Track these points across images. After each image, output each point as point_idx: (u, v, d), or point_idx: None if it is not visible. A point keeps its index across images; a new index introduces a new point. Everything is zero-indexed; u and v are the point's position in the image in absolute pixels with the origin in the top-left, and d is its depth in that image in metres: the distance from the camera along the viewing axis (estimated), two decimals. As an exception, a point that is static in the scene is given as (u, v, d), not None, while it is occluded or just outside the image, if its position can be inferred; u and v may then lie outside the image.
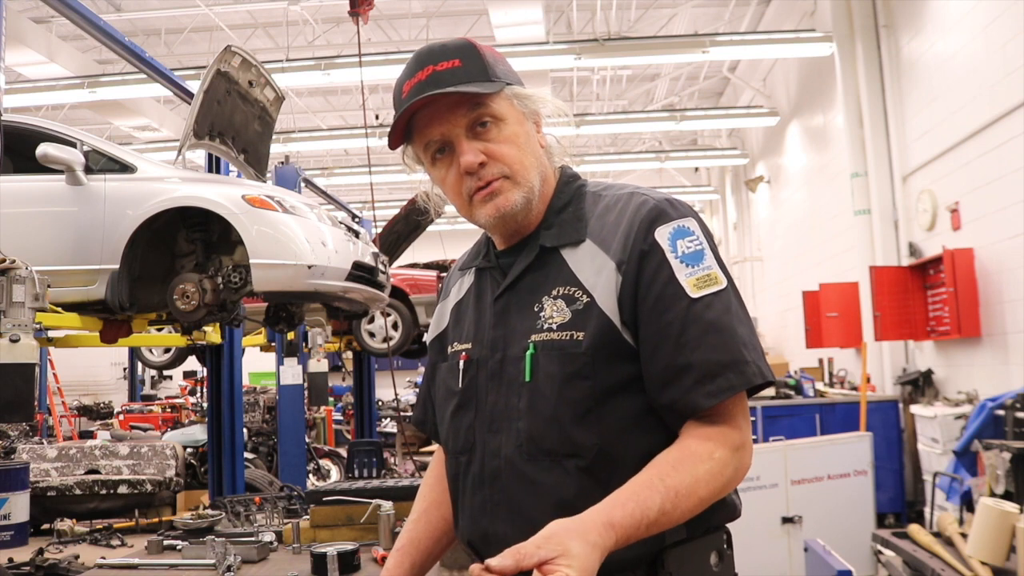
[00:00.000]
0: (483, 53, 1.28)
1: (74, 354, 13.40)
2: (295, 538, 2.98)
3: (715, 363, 1.15)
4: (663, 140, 16.59)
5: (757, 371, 1.17)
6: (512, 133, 1.27)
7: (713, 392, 1.15)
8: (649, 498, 1.08)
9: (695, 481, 1.11)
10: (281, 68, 9.59)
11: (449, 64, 1.24)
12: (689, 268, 1.19)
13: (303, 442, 7.23)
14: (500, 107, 1.26)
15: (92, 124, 13.88)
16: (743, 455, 1.18)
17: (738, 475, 1.18)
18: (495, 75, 1.27)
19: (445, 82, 1.23)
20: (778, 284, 13.51)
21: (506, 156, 1.26)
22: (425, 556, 1.43)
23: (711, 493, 1.14)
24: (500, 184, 1.26)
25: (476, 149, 1.25)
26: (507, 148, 1.26)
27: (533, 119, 1.31)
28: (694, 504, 1.12)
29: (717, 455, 1.14)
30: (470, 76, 1.24)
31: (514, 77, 1.31)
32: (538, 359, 1.22)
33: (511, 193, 1.26)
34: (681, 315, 1.17)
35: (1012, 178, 6.13)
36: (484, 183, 1.26)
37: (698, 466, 1.13)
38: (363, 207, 13.89)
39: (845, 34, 8.66)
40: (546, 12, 9.70)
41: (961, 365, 7.15)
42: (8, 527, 4.93)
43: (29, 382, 3.29)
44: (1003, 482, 4.49)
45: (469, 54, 1.26)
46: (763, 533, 5.20)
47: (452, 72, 1.24)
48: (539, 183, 1.29)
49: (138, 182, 4.41)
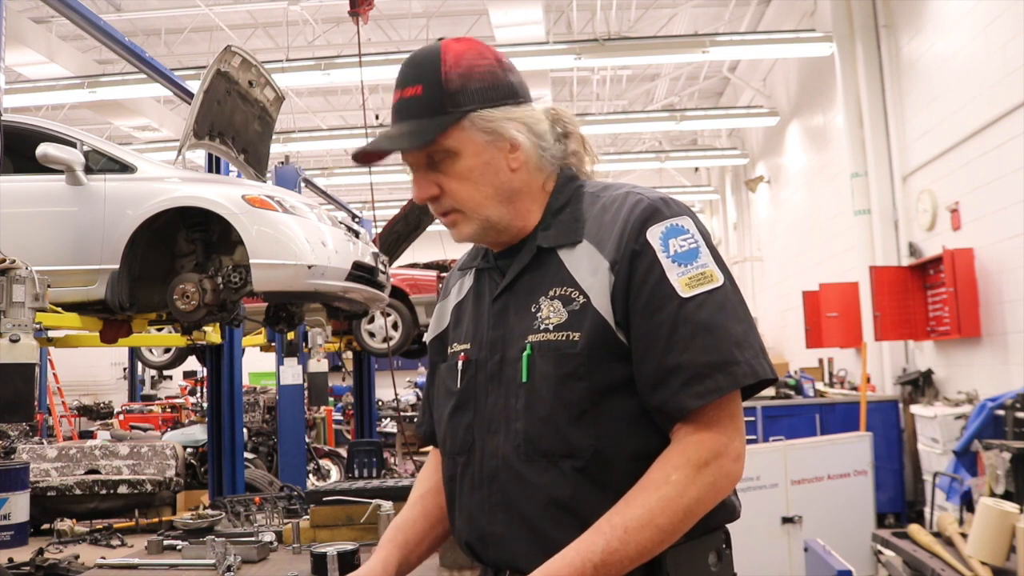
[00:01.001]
0: (446, 76, 1.23)
1: (74, 354, 13.40)
2: (295, 538, 2.98)
3: (704, 364, 1.14)
4: (663, 140, 16.59)
5: (749, 371, 1.15)
6: (465, 168, 1.26)
7: (701, 393, 1.14)
8: (592, 542, 1.11)
9: (647, 512, 1.11)
10: (281, 68, 9.59)
11: (412, 91, 1.25)
12: (681, 267, 1.18)
13: (303, 442, 7.23)
14: (454, 141, 1.24)
15: (92, 124, 13.88)
16: (717, 466, 1.14)
17: (717, 487, 1.15)
18: (455, 103, 1.23)
19: (404, 114, 1.26)
20: (778, 284, 13.51)
21: (455, 193, 1.27)
22: (420, 538, 1.42)
23: (674, 519, 1.12)
24: (453, 217, 1.30)
25: (430, 182, 1.28)
26: (457, 185, 1.27)
27: (504, 140, 1.26)
28: (653, 534, 1.11)
29: (674, 478, 1.13)
30: (423, 111, 1.24)
31: (491, 92, 1.25)
32: (535, 360, 1.22)
33: (463, 226, 1.30)
34: (672, 315, 1.16)
35: (1012, 178, 6.13)
36: (440, 212, 1.30)
37: (651, 495, 1.12)
38: (363, 207, 13.89)
39: (845, 34, 8.66)
40: (546, 12, 9.70)
41: (961, 365, 7.15)
42: (8, 527, 4.94)
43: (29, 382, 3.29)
44: (1003, 482, 4.49)
45: (431, 78, 1.24)
46: (763, 533, 5.20)
47: (413, 102, 1.25)
48: (503, 210, 1.29)
49: (138, 182, 4.41)
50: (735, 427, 1.18)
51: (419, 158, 1.27)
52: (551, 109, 1.35)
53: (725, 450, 1.15)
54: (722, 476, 1.15)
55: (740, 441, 1.18)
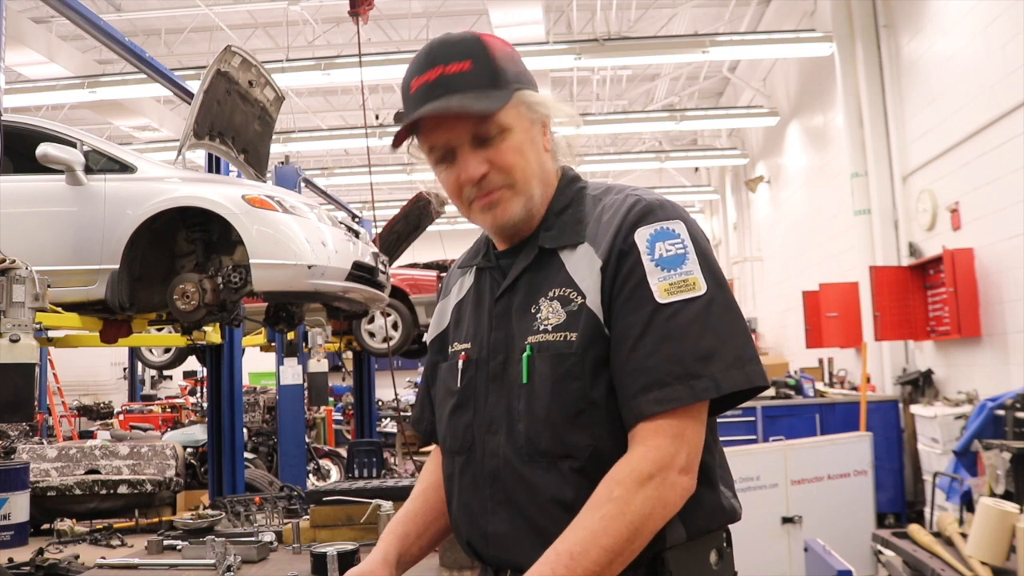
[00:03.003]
0: (494, 54, 1.24)
1: (74, 354, 13.39)
2: (295, 538, 2.98)
3: (665, 373, 1.14)
4: (663, 140, 16.59)
5: (711, 386, 1.13)
6: (518, 142, 1.25)
7: (659, 400, 1.13)
8: (540, 573, 1.10)
9: (590, 534, 1.10)
10: (281, 68, 9.59)
11: (458, 67, 1.22)
12: (663, 272, 1.18)
13: (303, 442, 7.23)
14: (507, 118, 1.24)
15: (92, 124, 13.88)
16: (662, 479, 1.12)
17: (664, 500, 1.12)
18: (505, 81, 1.24)
19: (453, 87, 1.21)
20: (778, 284, 13.51)
21: (510, 166, 1.25)
22: (421, 531, 1.42)
23: (618, 538, 1.09)
24: (501, 194, 1.26)
25: (479, 159, 1.24)
26: (511, 157, 1.25)
27: (540, 123, 1.30)
28: (600, 556, 1.09)
29: (616, 494, 1.11)
30: (478, 83, 1.22)
31: (525, 77, 1.29)
32: (534, 361, 1.22)
33: (511, 203, 1.26)
34: (644, 319, 1.16)
35: (1012, 178, 6.13)
36: (484, 192, 1.26)
37: (594, 516, 1.11)
38: (363, 207, 13.89)
39: (845, 34, 8.67)
40: (546, 12, 9.70)
41: (961, 365, 7.15)
42: (8, 527, 4.94)
43: (29, 382, 3.29)
44: (1003, 482, 4.49)
45: (480, 55, 1.23)
46: (763, 533, 5.20)
47: (461, 77, 1.21)
48: (540, 190, 1.29)
49: (138, 182, 4.41)
50: (686, 438, 1.15)
51: (463, 136, 1.24)
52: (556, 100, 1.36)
53: (671, 462, 1.13)
54: (667, 489, 1.12)
55: (690, 452, 1.15)
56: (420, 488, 1.49)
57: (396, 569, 1.36)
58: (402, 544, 1.39)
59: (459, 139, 1.24)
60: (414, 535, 1.42)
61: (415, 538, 1.41)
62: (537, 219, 1.30)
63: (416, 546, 1.42)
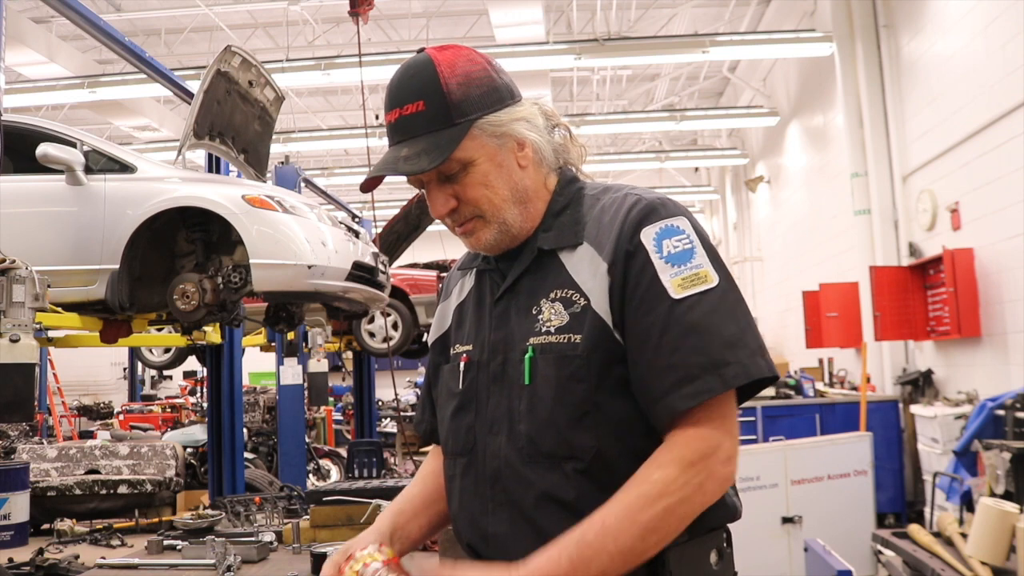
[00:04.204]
0: (448, 87, 1.23)
1: (74, 354, 13.39)
2: (295, 538, 2.98)
3: (694, 365, 1.14)
4: (663, 140, 16.59)
5: (741, 372, 1.14)
6: (481, 173, 1.26)
7: (691, 395, 1.13)
8: (571, 535, 1.10)
9: (627, 508, 1.11)
10: (281, 68, 9.59)
11: (412, 108, 1.23)
12: (674, 268, 1.18)
13: (303, 442, 7.23)
14: (466, 153, 1.24)
15: (92, 124, 13.88)
16: (704, 466, 1.13)
17: (704, 489, 1.13)
18: (461, 113, 1.23)
19: (409, 130, 1.24)
20: (778, 284, 13.51)
21: (475, 199, 1.27)
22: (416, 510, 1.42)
23: (654, 517, 1.10)
24: (473, 224, 1.29)
25: (445, 196, 1.27)
26: (475, 191, 1.26)
27: (511, 141, 1.28)
28: (633, 530, 1.10)
29: (656, 476, 1.12)
30: (432, 124, 1.23)
31: (490, 97, 1.26)
32: (536, 362, 1.22)
33: (483, 232, 1.29)
34: (662, 317, 1.16)
35: (1012, 178, 6.13)
36: (458, 224, 1.30)
37: (632, 492, 1.12)
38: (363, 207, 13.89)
39: (845, 34, 8.67)
40: (546, 12, 9.70)
41: (961, 365, 7.15)
42: (8, 527, 4.93)
43: (29, 382, 3.29)
44: (1003, 482, 4.49)
45: (432, 93, 1.23)
46: (763, 533, 5.20)
47: (416, 119, 1.23)
48: (516, 211, 1.29)
49: (138, 182, 4.41)
50: (726, 428, 1.16)
51: (431, 174, 1.26)
52: (534, 103, 1.35)
53: (714, 451, 1.14)
54: (709, 477, 1.14)
55: (731, 442, 1.17)
56: (419, 476, 1.50)
57: (394, 544, 1.35)
58: (396, 519, 1.39)
59: (426, 177, 1.28)
60: (410, 512, 1.42)
61: (411, 515, 1.41)
62: (524, 234, 1.31)
63: (414, 524, 1.41)
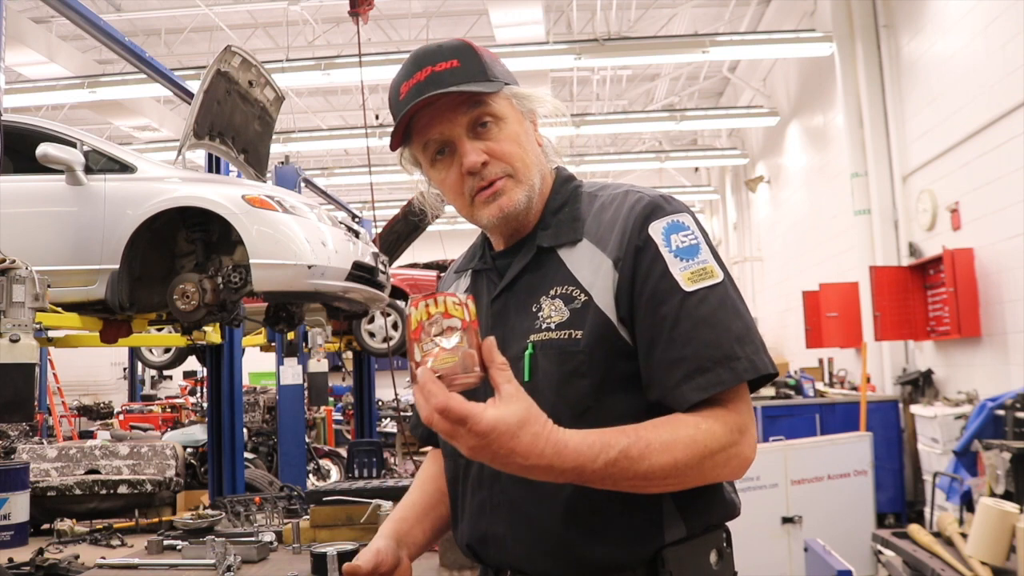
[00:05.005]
0: (480, 53, 1.28)
1: (74, 354, 13.40)
2: (295, 538, 2.98)
3: (705, 358, 1.15)
4: (663, 140, 16.59)
5: (750, 366, 1.15)
6: (513, 132, 1.27)
7: (702, 386, 1.14)
8: (615, 439, 1.07)
9: (672, 439, 1.09)
10: (281, 68, 9.59)
11: (447, 65, 1.24)
12: (683, 262, 1.19)
13: (303, 442, 7.23)
14: (500, 106, 1.27)
15: (92, 124, 13.89)
16: (742, 438, 1.15)
17: (732, 457, 1.14)
18: (493, 75, 1.27)
19: (445, 82, 1.23)
20: (778, 284, 13.51)
21: (509, 154, 1.26)
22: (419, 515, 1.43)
23: (690, 458, 1.10)
24: (503, 183, 1.26)
25: (478, 149, 1.25)
26: (509, 146, 1.26)
27: (530, 118, 1.32)
28: (667, 463, 1.08)
29: (703, 426, 1.12)
30: (469, 76, 1.24)
31: (511, 77, 1.32)
32: (537, 359, 1.22)
33: (514, 192, 1.27)
34: (675, 309, 1.17)
35: (1012, 178, 6.13)
36: (487, 183, 1.26)
37: (679, 429, 1.11)
38: (363, 207, 13.90)
39: (845, 34, 8.67)
40: (546, 12, 9.70)
41: (961, 365, 7.15)
42: (8, 527, 4.93)
43: (29, 382, 3.29)
44: (1003, 482, 4.49)
45: (466, 54, 1.27)
46: (763, 533, 5.20)
47: (451, 72, 1.24)
48: (539, 181, 1.30)
49: (138, 182, 4.41)
50: (750, 415, 1.18)
51: (459, 126, 1.25)
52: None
53: (747, 431, 1.16)
54: (737, 454, 1.15)
55: (752, 431, 1.19)
56: (418, 482, 1.50)
57: (400, 550, 1.35)
58: (399, 526, 1.40)
59: (455, 130, 1.25)
60: (412, 519, 1.42)
61: (414, 521, 1.42)
62: (537, 214, 1.31)
63: (418, 529, 1.41)
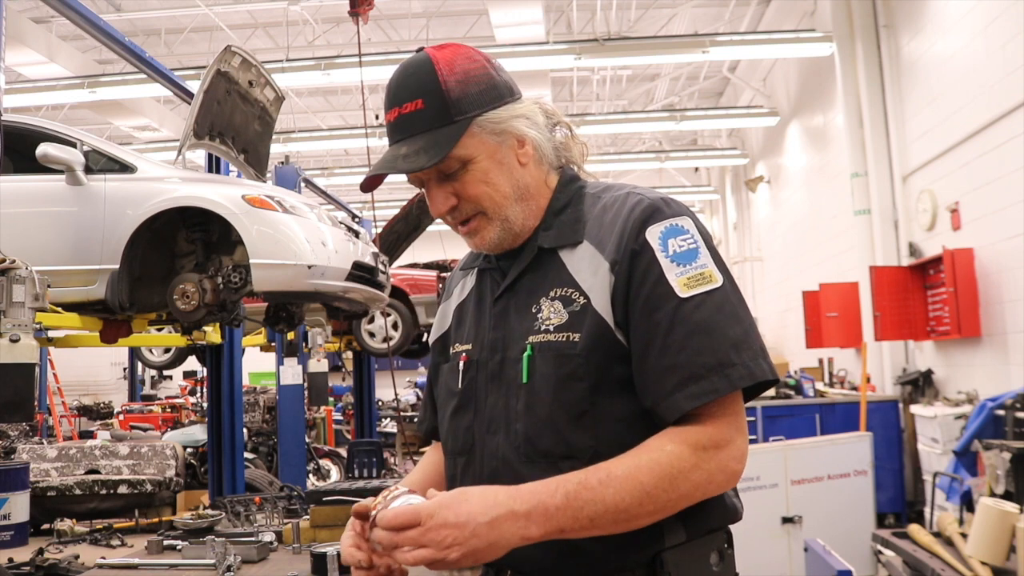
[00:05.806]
0: (446, 84, 1.23)
1: (74, 354, 13.39)
2: (295, 538, 2.98)
3: (699, 365, 1.13)
4: (663, 140, 16.59)
5: (746, 373, 1.14)
6: (482, 170, 1.26)
7: (695, 395, 1.13)
8: (574, 474, 1.10)
9: (634, 466, 1.10)
10: (281, 68, 9.59)
11: (411, 106, 1.23)
12: (680, 267, 1.18)
13: (303, 442, 7.23)
14: (466, 150, 1.24)
15: (92, 124, 13.88)
16: (715, 455, 1.13)
17: (715, 472, 1.13)
18: (460, 111, 1.23)
19: (408, 128, 1.24)
20: (778, 284, 13.51)
21: (476, 196, 1.26)
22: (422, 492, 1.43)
23: (659, 484, 1.09)
24: (476, 223, 1.28)
25: (445, 193, 1.27)
26: (476, 188, 1.26)
27: (512, 138, 1.28)
28: (634, 489, 1.09)
29: (668, 448, 1.12)
30: (431, 122, 1.23)
31: (489, 94, 1.26)
32: (535, 361, 1.22)
33: (487, 231, 1.28)
34: (669, 315, 1.16)
35: (1012, 178, 6.13)
36: (460, 222, 1.29)
37: (643, 455, 1.12)
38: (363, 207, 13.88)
39: (845, 34, 8.67)
40: (546, 12, 9.70)
41: (961, 365, 7.15)
42: (8, 527, 4.93)
43: (29, 382, 3.29)
44: (1003, 482, 4.49)
45: (431, 91, 1.23)
46: (763, 533, 5.20)
47: (415, 118, 1.23)
48: (518, 209, 1.29)
49: (138, 182, 4.41)
50: (737, 426, 1.16)
51: (430, 172, 1.26)
52: (534, 101, 1.34)
53: (727, 444, 1.14)
54: (719, 470, 1.14)
55: (743, 441, 1.17)
56: (421, 464, 1.51)
57: None
58: None
59: (426, 175, 1.27)
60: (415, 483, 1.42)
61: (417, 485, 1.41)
62: (526, 232, 1.31)
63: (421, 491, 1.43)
